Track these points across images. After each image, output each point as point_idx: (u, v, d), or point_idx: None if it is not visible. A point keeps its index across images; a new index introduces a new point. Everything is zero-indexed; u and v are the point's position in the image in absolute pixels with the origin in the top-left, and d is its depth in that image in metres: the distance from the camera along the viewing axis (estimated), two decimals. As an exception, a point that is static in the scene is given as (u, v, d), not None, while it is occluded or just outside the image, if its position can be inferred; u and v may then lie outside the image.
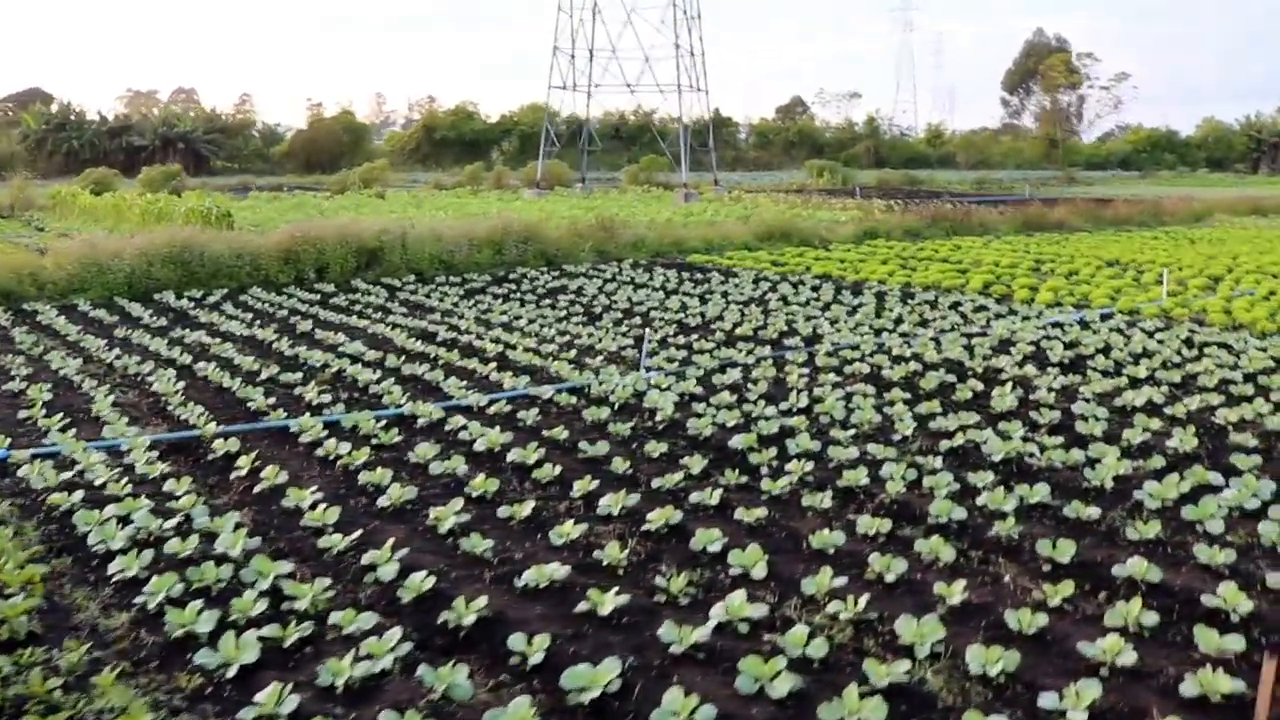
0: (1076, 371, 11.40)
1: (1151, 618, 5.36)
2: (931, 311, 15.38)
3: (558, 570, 6.11)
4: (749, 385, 10.63)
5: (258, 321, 15.12)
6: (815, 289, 17.94)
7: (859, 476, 7.63)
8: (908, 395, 10.23)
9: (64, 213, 36.51)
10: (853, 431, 9.08)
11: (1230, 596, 5.51)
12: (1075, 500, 7.22)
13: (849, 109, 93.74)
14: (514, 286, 18.65)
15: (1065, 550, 6.23)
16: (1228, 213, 36.14)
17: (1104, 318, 15.10)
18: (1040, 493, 7.27)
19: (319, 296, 17.61)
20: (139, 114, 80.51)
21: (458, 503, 7.20)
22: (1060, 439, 8.72)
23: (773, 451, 8.37)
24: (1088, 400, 10.08)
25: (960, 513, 6.93)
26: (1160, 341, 13.20)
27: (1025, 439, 8.76)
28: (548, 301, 16.79)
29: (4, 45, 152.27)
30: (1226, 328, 14.42)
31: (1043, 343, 12.89)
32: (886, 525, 6.75)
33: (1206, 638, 5.07)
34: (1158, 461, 8.02)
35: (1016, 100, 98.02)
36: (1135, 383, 10.90)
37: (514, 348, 12.90)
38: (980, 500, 7.19)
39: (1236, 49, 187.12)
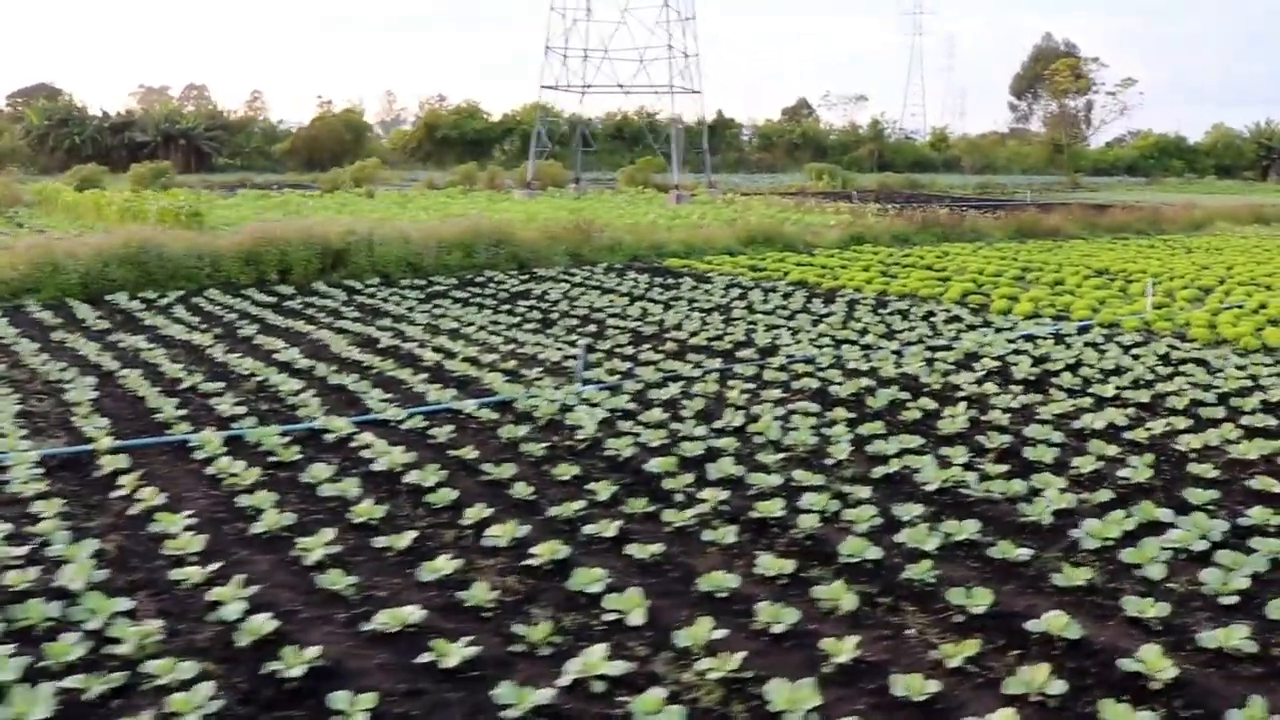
0: (1039, 390, 10.75)
1: (1059, 685, 4.72)
2: (902, 322, 14.74)
3: (414, 613, 5.50)
4: (685, 401, 10.00)
5: (204, 325, 14.56)
6: (787, 296, 17.30)
7: (775, 507, 7.01)
8: (852, 415, 9.59)
9: (49, 209, 36.11)
10: (783, 455, 8.45)
11: (1152, 662, 4.86)
12: (1007, 538, 6.58)
13: (855, 112, 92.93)
14: (478, 290, 18.07)
15: (981, 599, 5.60)
16: (1229, 220, 35.35)
17: (1081, 331, 14.43)
18: (969, 529, 6.64)
19: (275, 299, 17.04)
20: (142, 110, 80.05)
21: (330, 532, 6.61)
22: (1006, 466, 8.08)
23: (691, 476, 7.75)
24: (1045, 422, 9.43)
25: (876, 552, 6.30)
26: (1136, 357, 12.54)
27: (967, 466, 8.12)
28: (507, 307, 16.19)
29: (18, 41, 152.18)
30: (1209, 343, 13.75)
31: (1010, 357, 12.24)
32: (790, 566, 6.12)
33: (1114, 713, 4.43)
34: (1105, 494, 7.37)
35: (1025, 105, 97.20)
36: (1100, 403, 10.25)
37: (454, 356, 12.31)
38: (901, 537, 6.56)
39: (1250, 52, 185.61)
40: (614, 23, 49.12)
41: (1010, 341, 13.34)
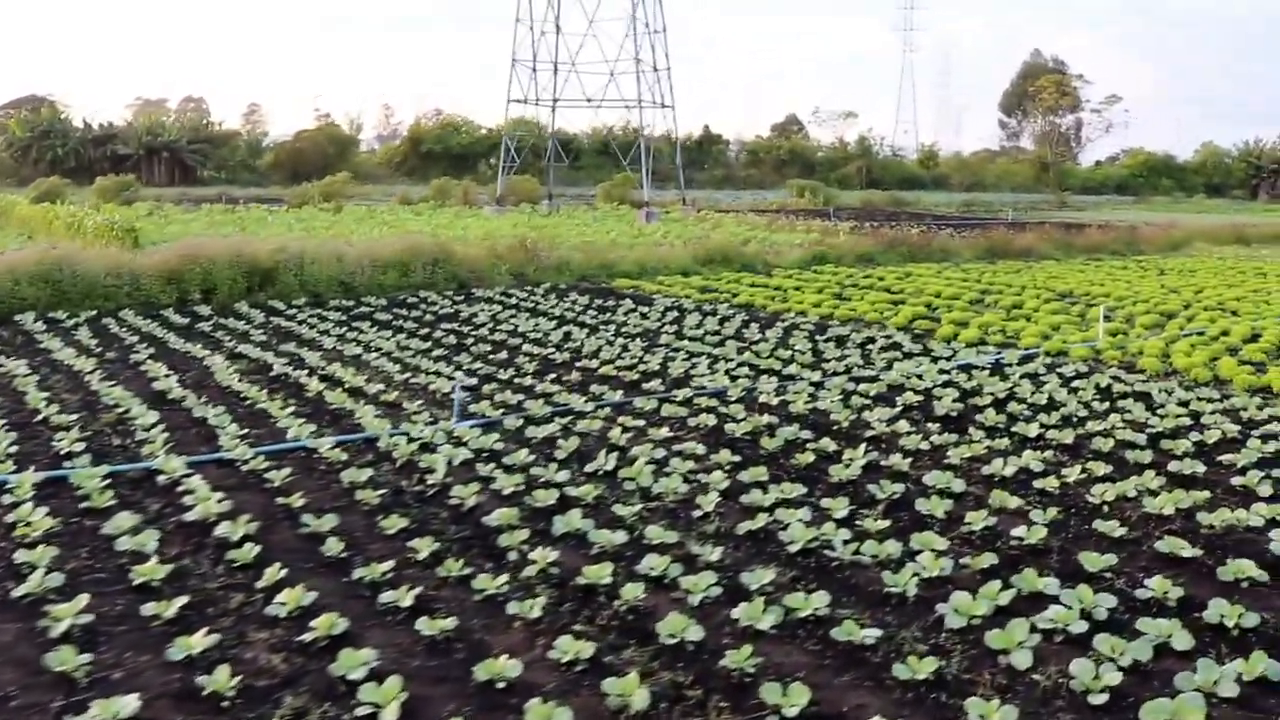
0: (958, 429, 9.88)
1: (850, 824, 3.85)
2: (835, 350, 13.88)
3: (129, 705, 4.68)
4: (563, 440, 9.14)
5: (100, 349, 13.73)
6: (724, 321, 16.47)
7: (604, 573, 6.15)
8: (739, 458, 8.74)
9: (4, 222, 35.39)
10: (645, 506, 7.60)
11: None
12: (860, 614, 5.74)
13: (844, 128, 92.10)
14: (404, 313, 17.23)
15: (797, 698, 4.74)
16: (1209, 241, 34.54)
17: (1024, 360, 13.58)
18: (816, 603, 5.78)
19: (188, 321, 16.23)
20: (125, 123, 79.34)
21: (85, 598, 5.76)
22: (888, 522, 7.23)
23: (526, 533, 6.90)
24: (951, 468, 8.57)
25: (699, 631, 5.45)
26: (1074, 391, 11.68)
27: (847, 521, 7.26)
28: (425, 331, 15.36)
29: (16, 52, 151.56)
30: (1158, 374, 12.90)
31: (937, 391, 11.38)
32: (590, 650, 5.25)
33: None
34: (989, 559, 6.50)
35: (1014, 122, 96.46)
36: (1020, 445, 9.39)
37: (340, 386, 11.48)
38: (737, 612, 5.69)
39: (1246, 73, 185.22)
40: (582, 35, 48.29)
41: (944, 372, 12.50)
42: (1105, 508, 7.65)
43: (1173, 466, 8.58)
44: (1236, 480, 8.25)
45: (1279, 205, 70.71)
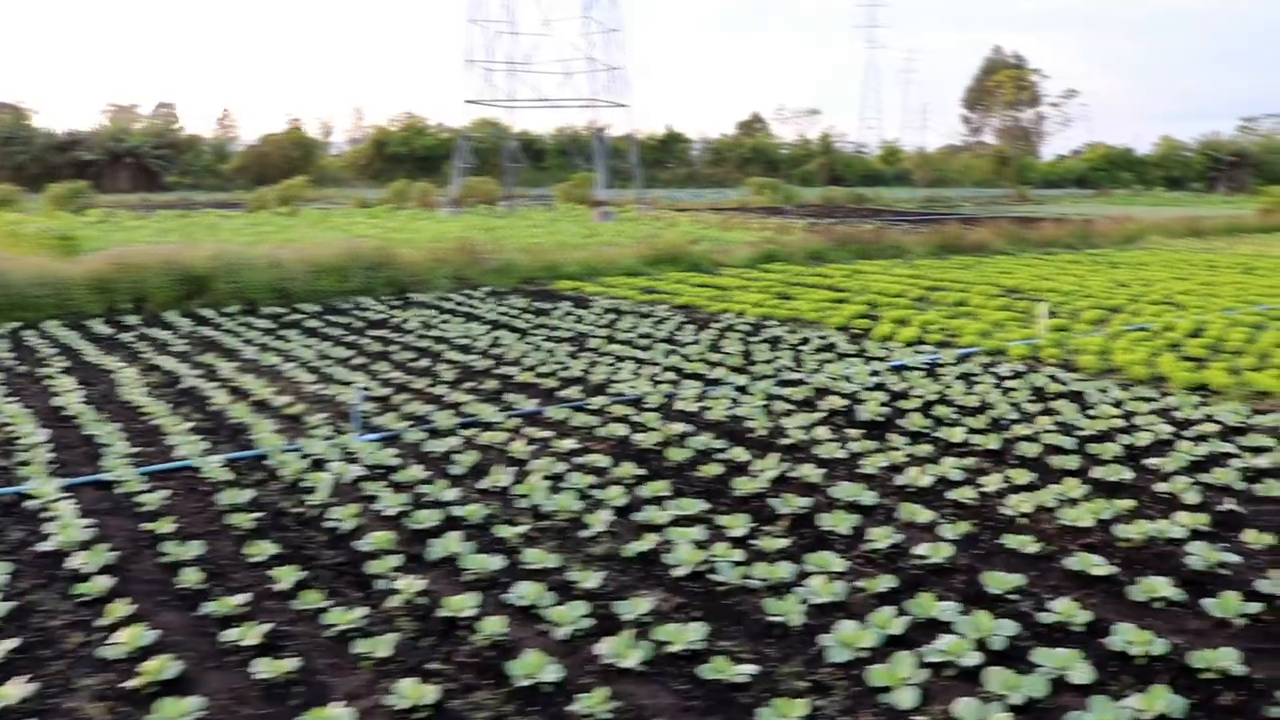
0: (879, 435, 9.49)
1: None
2: (768, 352, 13.47)
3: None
4: (459, 455, 8.68)
5: (14, 362, 13.17)
6: (660, 323, 16.06)
7: (469, 604, 5.72)
8: (644, 471, 8.31)
9: (-55, 230, 34.54)
10: (533, 526, 7.16)
11: None
12: (738, 647, 5.32)
13: (808, 125, 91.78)
14: (336, 319, 16.71)
15: (649, 749, 4.31)
16: (1163, 234, 34.41)
17: (961, 359, 13.22)
18: (691, 635, 5.35)
19: (112, 332, 15.66)
20: (89, 129, 78.19)
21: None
22: (789, 540, 6.82)
23: (400, 559, 6.44)
24: (865, 478, 8.18)
25: (557, 671, 5.01)
26: (1008, 391, 11.33)
27: (742, 540, 6.84)
28: (352, 338, 14.85)
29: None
30: (1097, 373, 12.58)
31: (864, 394, 10.99)
32: (434, 694, 4.81)
33: None
34: (888, 581, 6.09)
35: (977, 118, 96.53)
36: (945, 450, 9.01)
37: (246, 398, 10.99)
38: (602, 647, 5.26)
39: (1206, 68, 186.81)
40: (537, 35, 47.69)
41: (875, 374, 12.12)
42: (1021, 520, 7.27)
43: (1098, 473, 8.22)
44: (1162, 487, 7.89)
45: (1236, 198, 71.00)
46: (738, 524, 7.02)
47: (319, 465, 8.62)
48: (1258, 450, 8.99)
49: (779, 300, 18.00)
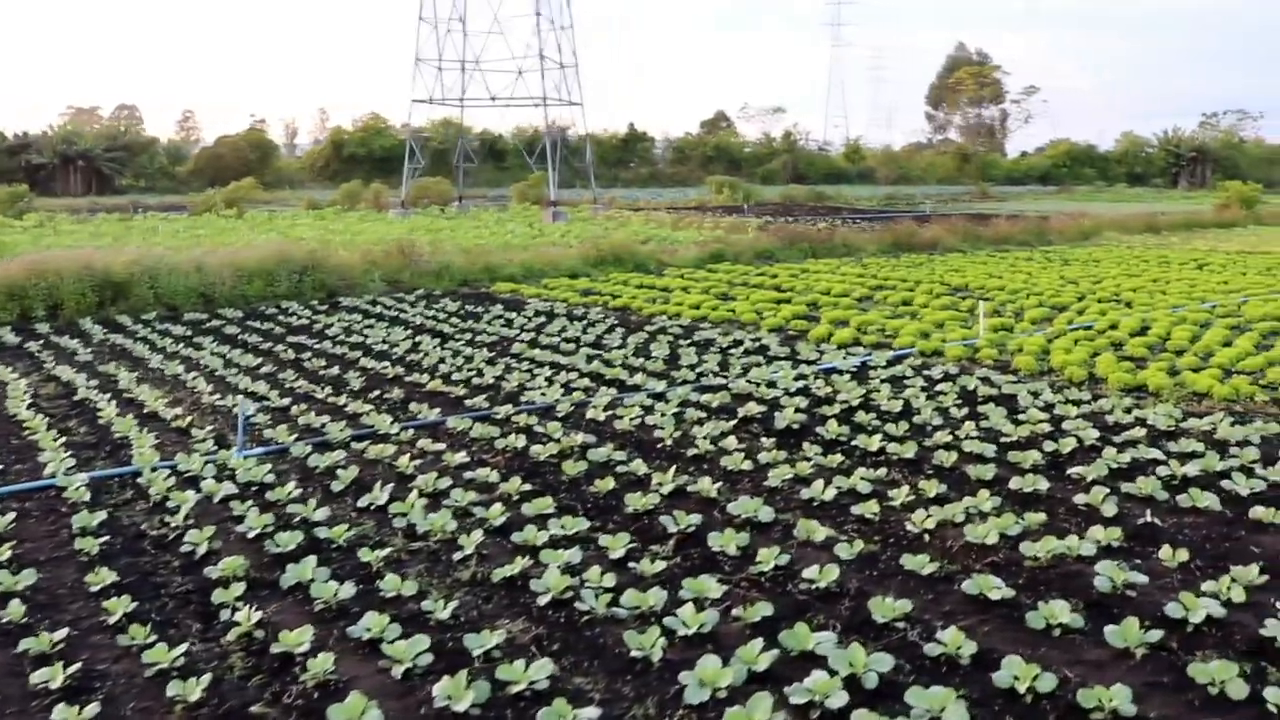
0: (794, 444, 9.01)
1: None
2: (696, 355, 12.98)
3: None
4: (343, 470, 8.14)
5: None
6: (591, 325, 15.55)
7: (304, 639, 5.22)
8: (531, 486, 7.80)
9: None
10: (403, 548, 6.65)
11: None
12: (590, 686, 4.83)
13: (773, 124, 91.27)
14: (256, 325, 16.09)
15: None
16: (1119, 230, 34.20)
17: (894, 362, 12.78)
18: (536, 674, 4.86)
19: (19, 341, 15.00)
20: (41, 132, 76.65)
21: None
22: (672, 563, 6.33)
23: (247, 587, 5.92)
24: (769, 492, 7.71)
25: (377, 717, 4.49)
26: (936, 395, 10.89)
27: (620, 563, 6.36)
28: (269, 345, 14.25)
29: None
30: (1033, 374, 12.17)
31: (786, 399, 10.51)
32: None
33: None
34: (767, 608, 5.60)
35: (941, 115, 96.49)
36: (860, 460, 8.54)
37: (138, 410, 10.41)
38: (439, 689, 4.75)
39: (1174, 66, 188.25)
40: (487, 33, 46.99)
41: (803, 378, 11.65)
42: (926, 537, 6.81)
43: (1015, 483, 7.77)
44: (1081, 499, 7.45)
45: (1197, 193, 71.24)
46: (619, 545, 6.53)
47: (193, 483, 8.07)
48: (1186, 457, 8.56)
49: (719, 301, 17.53)
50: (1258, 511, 7.12)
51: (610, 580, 6.01)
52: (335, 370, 12.26)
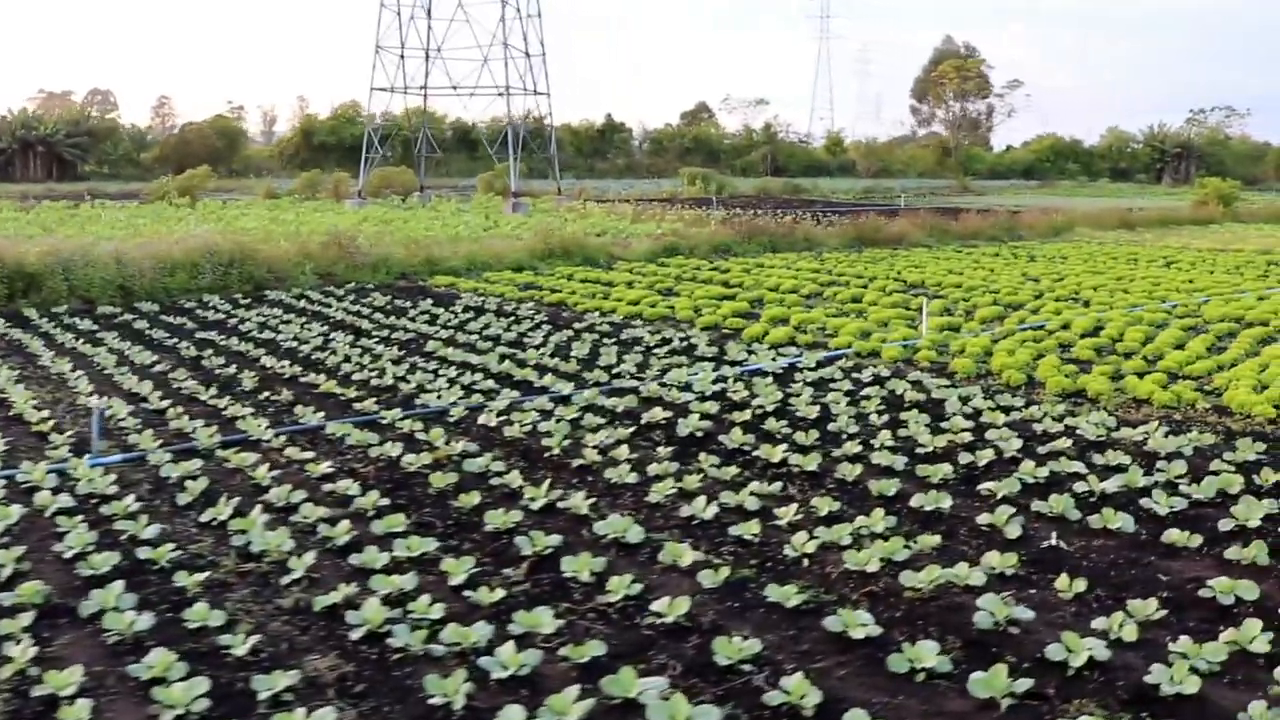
0: (689, 455, 8.37)
1: None
2: (619, 356, 12.33)
3: None
4: (192, 481, 7.48)
5: None
6: (517, 322, 14.92)
7: (72, 679, 4.62)
8: (389, 501, 7.16)
9: None
10: (226, 570, 6.00)
11: None
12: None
13: (755, 115, 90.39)
14: (172, 319, 15.38)
15: None
16: (1093, 225, 33.66)
17: (826, 363, 12.16)
18: (306, 735, 4.22)
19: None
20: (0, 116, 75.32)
21: None
22: (509, 592, 5.70)
23: (30, 618, 5.28)
24: (646, 508, 7.09)
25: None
26: (859, 400, 10.26)
27: (460, 589, 5.73)
28: (174, 341, 13.55)
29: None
30: (971, 377, 11.57)
31: (697, 404, 9.88)
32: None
33: None
34: (599, 647, 4.98)
35: (926, 108, 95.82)
36: (759, 472, 7.92)
37: (3, 411, 9.74)
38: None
39: (1167, 64, 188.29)
40: (451, 20, 46.10)
41: (722, 380, 11.02)
42: (805, 562, 6.19)
43: (918, 500, 7.15)
44: (985, 518, 6.84)
45: (1180, 189, 70.83)
46: (460, 569, 5.89)
47: (29, 494, 7.40)
48: (1110, 471, 7.97)
49: (660, 297, 16.90)
50: (1172, 535, 6.52)
51: (439, 610, 5.39)
52: (232, 369, 11.58)
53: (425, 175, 51.05)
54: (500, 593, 5.63)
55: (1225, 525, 6.75)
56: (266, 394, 10.43)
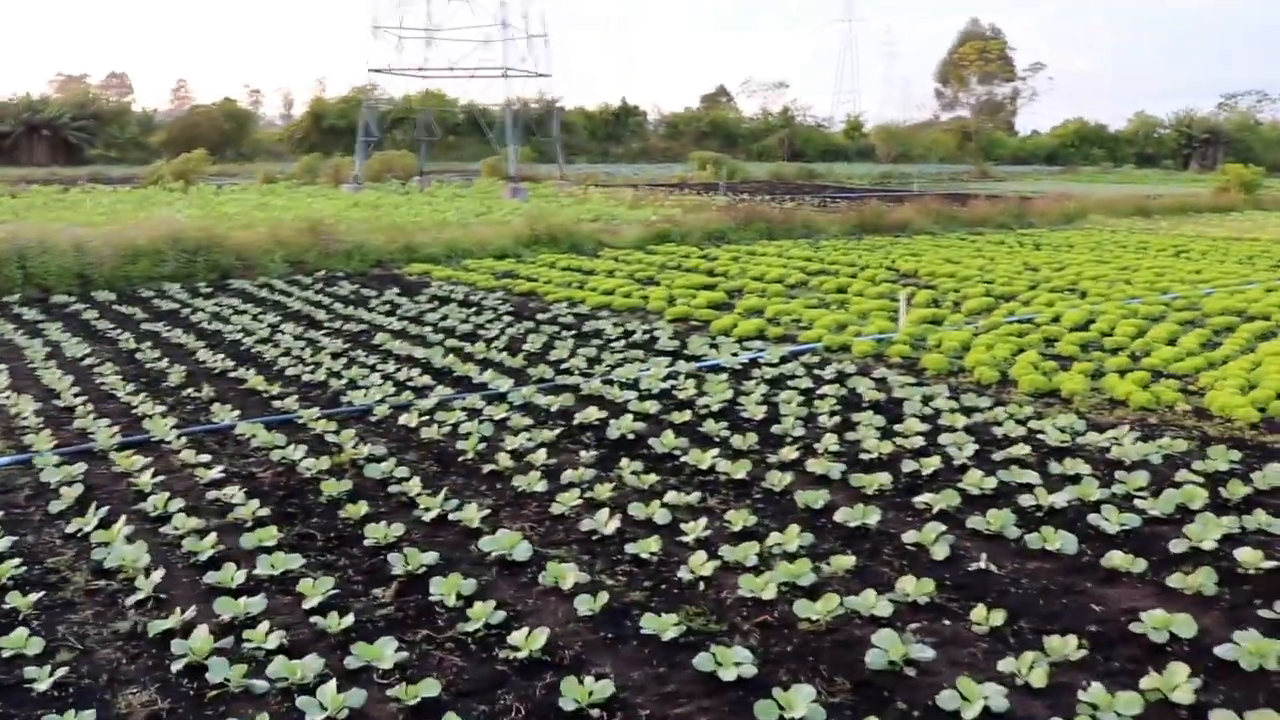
0: (613, 460, 7.81)
1: None
2: (571, 349, 11.78)
3: None
4: (67, 489, 6.99)
5: None
6: (479, 312, 14.37)
7: None
8: (270, 512, 6.65)
9: None
10: (72, 590, 5.51)
11: None
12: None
13: (775, 99, 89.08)
14: (125, 309, 14.91)
15: None
16: (1107, 213, 32.74)
17: (787, 359, 11.54)
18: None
19: None
20: (6, 99, 75.19)
21: None
22: (360, 618, 5.17)
23: None
24: (546, 520, 6.54)
25: None
26: (814, 400, 9.65)
27: (307, 615, 5.20)
28: (117, 331, 13.09)
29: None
30: (942, 374, 10.96)
31: (636, 403, 9.30)
32: None
33: None
34: (435, 688, 4.44)
35: (950, 92, 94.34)
36: (686, 480, 7.36)
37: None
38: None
39: (1198, 48, 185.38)
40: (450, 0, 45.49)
41: (672, 377, 10.45)
42: (701, 586, 5.62)
43: (843, 515, 6.56)
44: (912, 536, 6.24)
45: (1207, 176, 69.39)
46: (318, 591, 5.37)
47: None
48: (1065, 481, 7.35)
49: (637, 286, 16.32)
50: (1114, 558, 5.90)
51: (276, 640, 4.87)
52: (164, 363, 11.09)
53: (428, 160, 50.48)
54: (350, 619, 5.10)
55: (1178, 547, 6.13)
56: (190, 390, 9.93)
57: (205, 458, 7.70)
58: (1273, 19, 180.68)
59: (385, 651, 4.73)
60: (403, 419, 8.77)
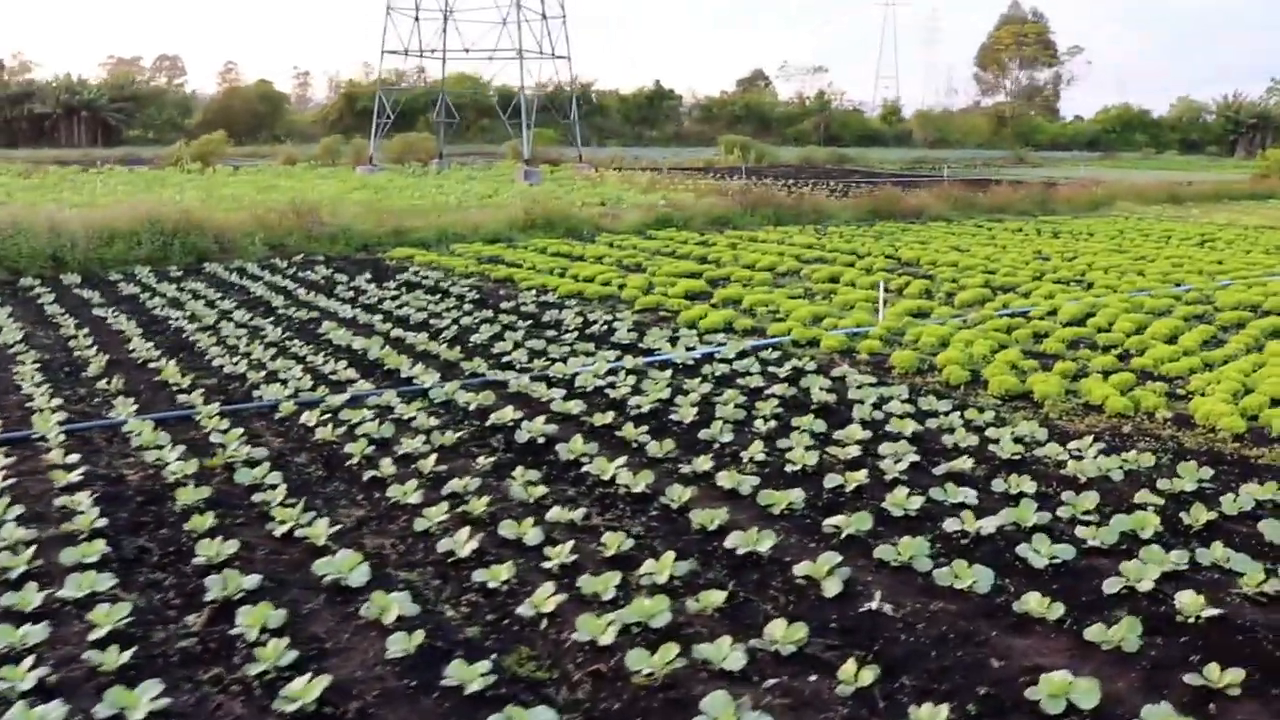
0: (510, 467, 7.16)
1: None
2: (521, 340, 11.15)
3: None
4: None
5: None
6: (443, 299, 13.80)
7: None
8: (106, 521, 6.09)
9: None
10: None
11: None
12: None
13: (812, 84, 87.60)
14: (86, 293, 14.48)
15: None
16: (1137, 200, 31.54)
17: (750, 352, 10.83)
18: None
19: None
20: (46, 81, 75.71)
21: None
22: (195, 643, 4.59)
23: None
24: (410, 540, 5.93)
25: None
26: (760, 400, 8.95)
27: (99, 645, 4.63)
28: (64, 316, 12.64)
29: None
30: (909, 373, 10.22)
31: (558, 403, 8.65)
32: None
33: None
34: (285, 708, 3.85)
35: (990, 76, 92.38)
36: (583, 494, 6.72)
37: None
38: None
39: (1236, 31, 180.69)
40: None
41: (613, 373, 9.79)
42: (543, 624, 4.98)
43: (733, 540, 5.87)
44: (804, 567, 5.54)
45: (1252, 161, 67.34)
46: (111, 619, 4.80)
47: None
48: (1005, 502, 6.60)
49: (618, 274, 15.66)
50: (1029, 602, 5.16)
51: (34, 679, 4.30)
52: (93, 351, 10.61)
53: (454, 142, 49.98)
54: (130, 655, 4.52)
55: (1111, 586, 5.38)
56: (103, 381, 9.42)
57: (74, 458, 7.16)
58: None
59: (141, 699, 4.13)
60: (304, 417, 8.18)
